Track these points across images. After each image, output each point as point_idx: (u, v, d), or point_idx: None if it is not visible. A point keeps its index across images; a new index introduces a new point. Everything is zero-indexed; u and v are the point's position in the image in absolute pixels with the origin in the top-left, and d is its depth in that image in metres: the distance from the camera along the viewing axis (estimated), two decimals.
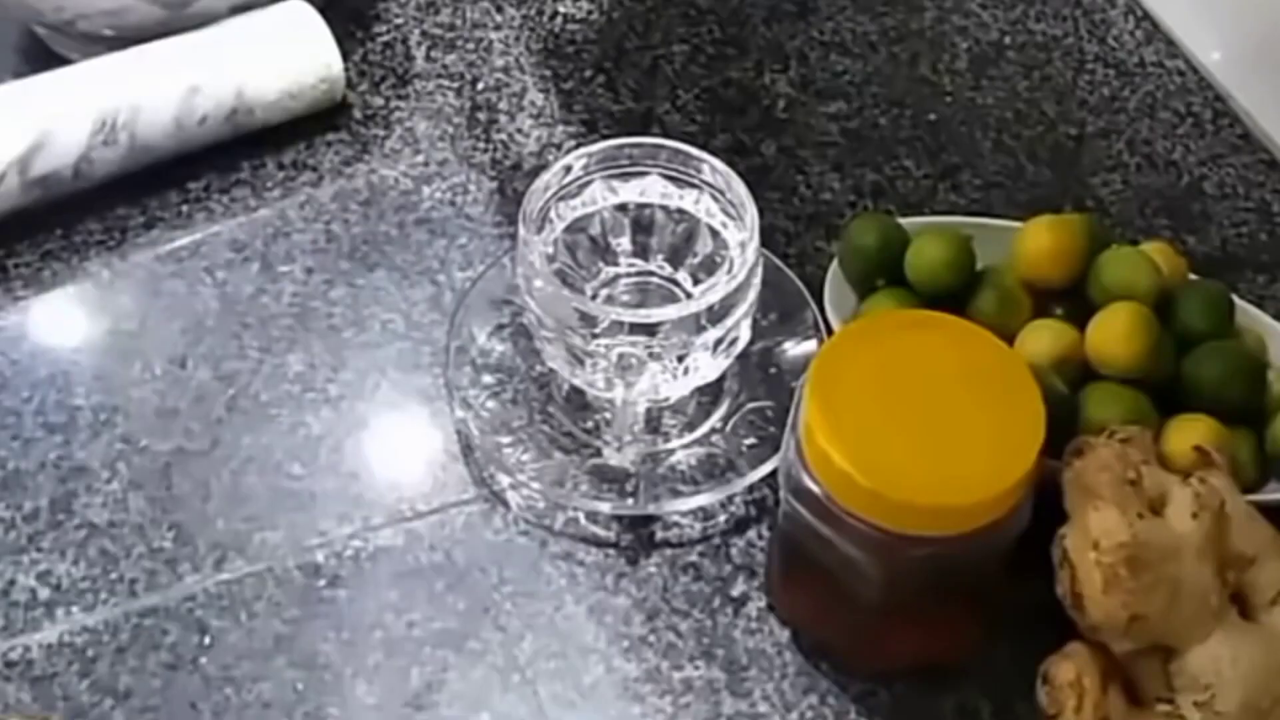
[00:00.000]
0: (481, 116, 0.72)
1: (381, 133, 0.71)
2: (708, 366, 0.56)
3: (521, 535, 0.57)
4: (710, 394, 0.60)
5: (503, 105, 0.73)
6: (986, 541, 0.48)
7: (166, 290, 0.65)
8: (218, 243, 0.66)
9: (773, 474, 0.55)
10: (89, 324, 0.64)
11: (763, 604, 0.55)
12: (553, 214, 0.58)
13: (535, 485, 0.57)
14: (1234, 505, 0.49)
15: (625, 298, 0.60)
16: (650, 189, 0.59)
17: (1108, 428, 0.51)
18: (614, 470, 0.57)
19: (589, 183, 0.58)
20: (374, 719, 0.52)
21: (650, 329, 0.54)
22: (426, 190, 0.69)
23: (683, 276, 0.60)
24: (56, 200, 0.66)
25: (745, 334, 0.56)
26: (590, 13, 0.78)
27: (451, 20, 0.77)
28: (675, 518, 0.58)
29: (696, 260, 0.59)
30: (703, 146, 0.58)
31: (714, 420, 0.60)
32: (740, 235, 0.56)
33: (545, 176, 0.57)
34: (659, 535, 0.57)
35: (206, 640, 0.54)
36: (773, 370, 0.61)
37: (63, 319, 0.64)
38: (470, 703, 0.53)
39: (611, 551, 0.57)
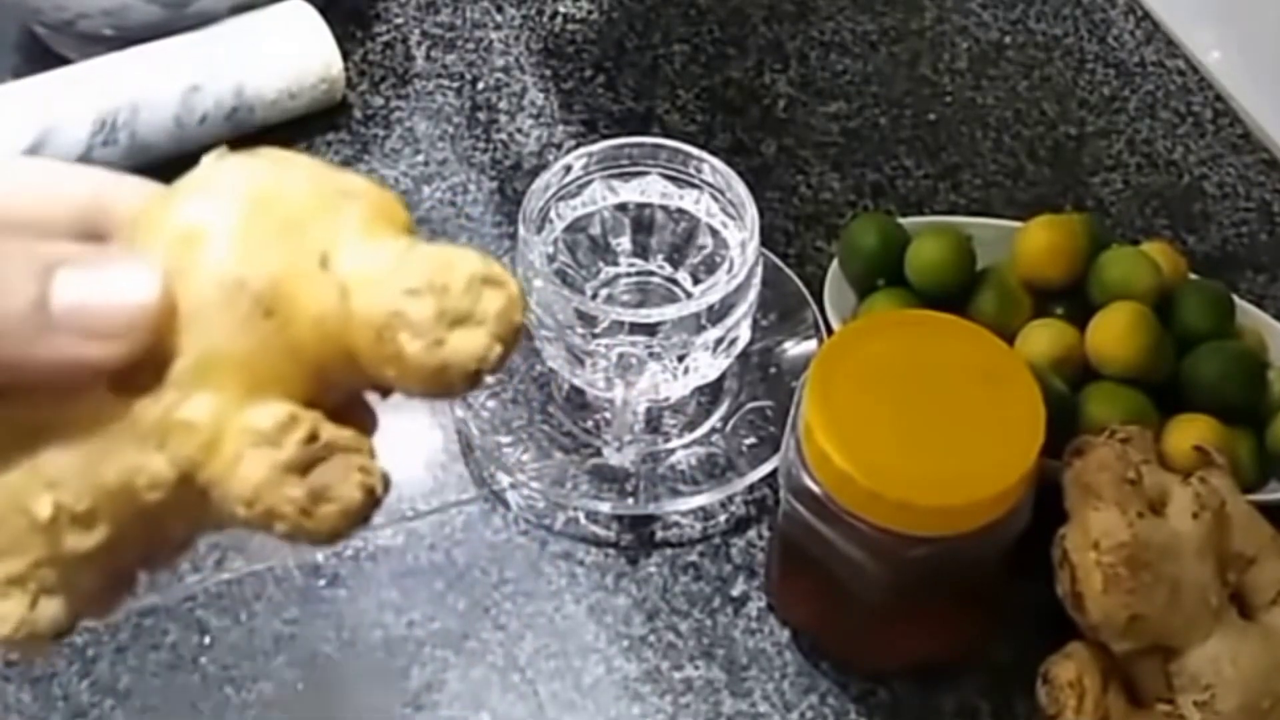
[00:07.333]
0: (481, 116, 0.72)
1: (381, 133, 0.71)
2: (708, 366, 0.56)
3: (521, 535, 0.57)
4: (710, 394, 0.60)
5: (503, 105, 0.73)
6: (986, 541, 0.48)
7: None
8: None
9: (773, 474, 0.55)
10: None
11: (763, 604, 0.55)
12: (553, 214, 0.58)
13: (535, 485, 0.57)
14: (1234, 505, 0.49)
15: (625, 298, 0.60)
16: (650, 189, 0.59)
17: (1108, 428, 0.51)
18: (614, 470, 0.57)
19: (589, 183, 0.58)
20: (374, 719, 0.52)
21: (650, 329, 0.54)
22: (426, 190, 0.69)
23: (683, 276, 0.60)
24: None
25: (745, 334, 0.56)
26: (590, 13, 0.78)
27: (451, 20, 0.77)
28: (675, 517, 0.58)
29: (696, 260, 0.59)
30: (703, 146, 0.58)
31: (714, 420, 0.60)
32: (740, 235, 0.56)
33: (545, 176, 0.57)
34: (659, 535, 0.57)
35: (206, 640, 0.54)
36: (773, 370, 0.61)
37: None
38: (470, 702, 0.53)
39: (611, 551, 0.57)
